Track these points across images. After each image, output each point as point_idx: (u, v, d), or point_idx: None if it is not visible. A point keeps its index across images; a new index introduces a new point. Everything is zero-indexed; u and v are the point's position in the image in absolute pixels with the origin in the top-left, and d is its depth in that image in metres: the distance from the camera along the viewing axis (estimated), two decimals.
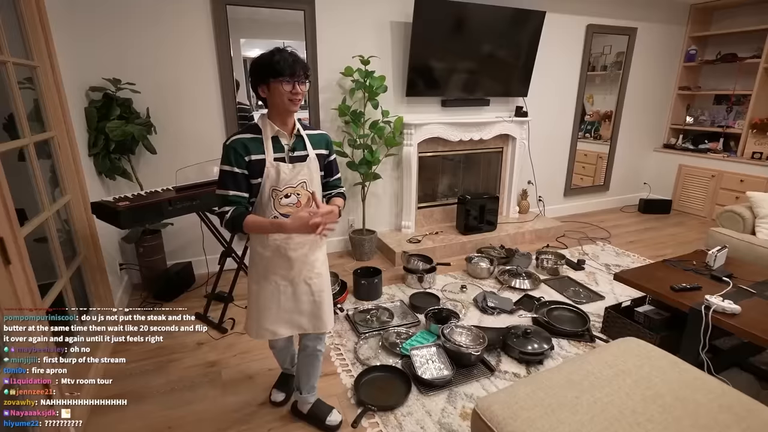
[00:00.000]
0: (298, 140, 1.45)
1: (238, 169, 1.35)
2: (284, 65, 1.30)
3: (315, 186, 1.47)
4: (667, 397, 1.28)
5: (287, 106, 1.36)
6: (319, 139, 1.51)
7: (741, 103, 4.45)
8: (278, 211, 1.42)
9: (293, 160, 1.42)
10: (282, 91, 1.32)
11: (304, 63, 1.36)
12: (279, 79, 1.30)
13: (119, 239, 2.81)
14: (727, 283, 2.11)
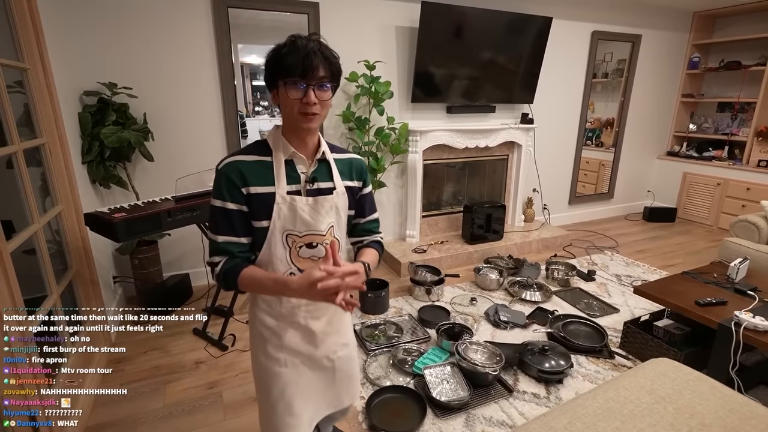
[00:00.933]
0: (322, 167, 1.04)
1: (232, 204, 0.97)
2: (293, 60, 0.90)
3: (342, 230, 1.10)
4: (714, 427, 1.18)
5: (298, 122, 0.95)
6: (347, 165, 1.09)
7: (745, 110, 4.43)
8: (297, 266, 1.02)
9: (313, 193, 1.01)
10: (290, 99, 0.93)
11: (326, 57, 0.93)
12: (286, 80, 0.92)
13: (113, 250, 2.68)
14: (752, 297, 2.03)
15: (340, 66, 0.98)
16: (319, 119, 0.97)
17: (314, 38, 0.94)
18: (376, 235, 1.20)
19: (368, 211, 1.17)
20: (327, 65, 0.93)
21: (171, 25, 2.57)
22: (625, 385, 1.35)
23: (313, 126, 0.97)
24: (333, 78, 0.96)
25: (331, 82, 0.95)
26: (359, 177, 1.13)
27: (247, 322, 2.53)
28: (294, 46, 0.91)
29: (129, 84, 2.46)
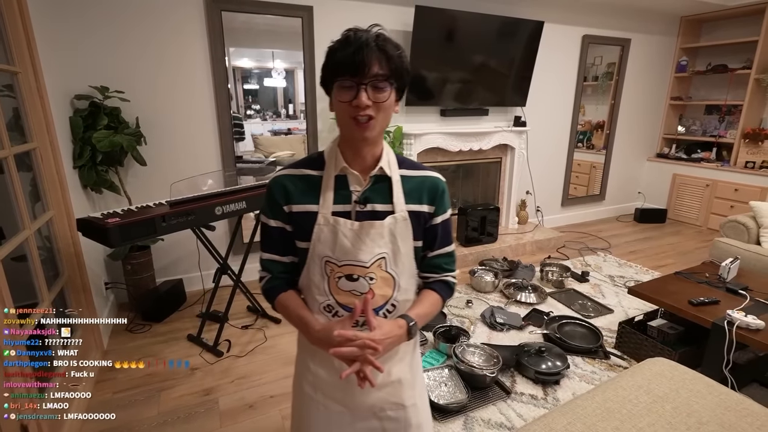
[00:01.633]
0: (380, 185, 0.88)
1: (273, 222, 0.90)
2: (343, 56, 0.77)
3: (402, 265, 0.88)
4: (711, 425, 1.19)
5: (351, 130, 0.81)
6: (418, 184, 0.90)
7: (732, 113, 4.51)
8: (335, 298, 0.88)
9: (363, 217, 0.86)
10: (340, 103, 0.80)
11: (384, 50, 0.78)
12: (336, 80, 0.80)
13: (105, 256, 2.64)
14: (743, 296, 2.06)
15: (402, 59, 0.81)
16: (376, 126, 0.81)
17: (372, 30, 0.80)
18: (445, 274, 0.96)
19: (439, 243, 0.94)
20: (385, 60, 0.78)
21: (164, 29, 2.55)
22: (623, 385, 1.36)
23: (369, 135, 0.81)
24: (393, 75, 0.79)
25: (390, 80, 0.79)
26: (431, 200, 0.91)
27: (244, 327, 2.52)
28: (346, 40, 0.78)
29: (121, 88, 2.43)
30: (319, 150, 0.93)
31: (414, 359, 1.02)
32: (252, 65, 3.66)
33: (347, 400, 0.96)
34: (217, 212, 2.07)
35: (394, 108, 0.84)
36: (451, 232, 0.98)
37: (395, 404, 0.97)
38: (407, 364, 0.99)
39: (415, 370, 1.02)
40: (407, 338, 0.87)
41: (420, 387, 1.04)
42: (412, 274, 0.93)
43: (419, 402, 1.01)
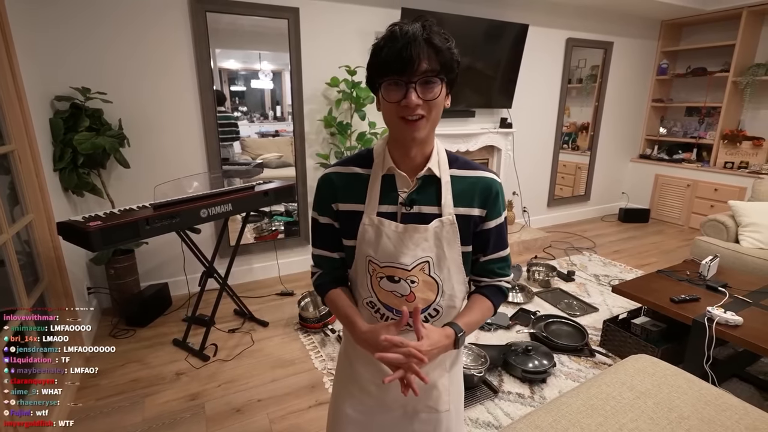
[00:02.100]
0: (429, 187, 0.85)
1: (322, 219, 0.90)
2: (389, 53, 0.73)
3: (447, 270, 0.86)
4: (692, 419, 1.22)
5: (400, 130, 0.78)
6: (470, 186, 0.85)
7: (711, 114, 4.63)
8: (377, 297, 0.88)
9: (409, 219, 0.84)
10: (387, 103, 0.77)
11: (433, 44, 0.73)
12: (382, 80, 0.76)
13: (87, 261, 2.58)
14: (723, 293, 2.11)
15: (452, 52, 0.76)
16: (426, 125, 0.78)
17: (419, 23, 0.74)
18: (498, 279, 0.92)
19: (492, 248, 0.89)
20: (434, 54, 0.73)
21: (148, 29, 2.52)
22: (607, 382, 1.38)
23: (420, 135, 0.78)
24: (444, 69, 0.75)
25: (440, 75, 0.75)
26: (483, 203, 0.85)
27: (231, 330, 2.49)
28: (392, 36, 0.73)
29: (103, 89, 2.39)
30: (366, 149, 0.92)
31: (455, 366, 1.01)
32: (239, 67, 3.63)
33: (382, 394, 0.96)
34: (202, 215, 2.04)
35: (445, 103, 0.80)
36: (505, 236, 0.92)
37: (429, 407, 0.97)
38: (446, 369, 0.97)
39: (453, 376, 1.00)
40: (454, 347, 0.84)
41: (456, 393, 1.02)
42: (459, 280, 0.89)
43: (453, 408, 1.00)
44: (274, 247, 3.21)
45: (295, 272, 3.32)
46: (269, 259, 3.21)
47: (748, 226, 2.89)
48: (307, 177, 3.21)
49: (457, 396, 1.02)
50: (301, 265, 3.36)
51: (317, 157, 3.09)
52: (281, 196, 2.46)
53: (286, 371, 2.13)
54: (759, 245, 2.82)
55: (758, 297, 2.08)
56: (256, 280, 3.20)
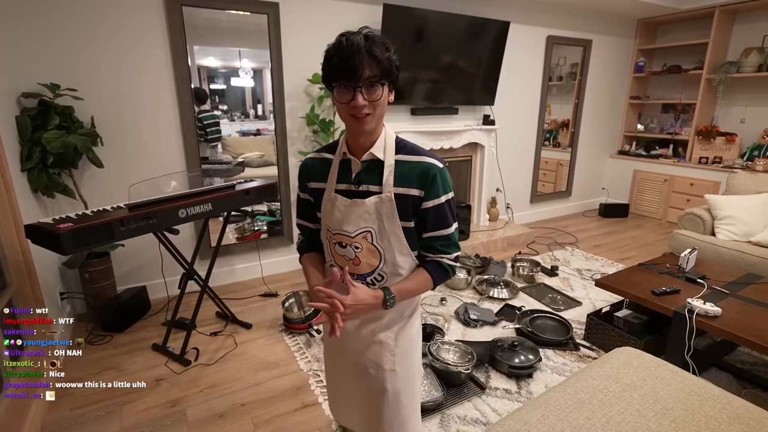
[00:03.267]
0: (373, 168, 0.98)
1: (302, 194, 1.11)
2: (338, 61, 0.86)
3: (388, 241, 1.00)
4: (677, 410, 1.23)
5: (350, 125, 0.94)
6: (410, 170, 0.97)
7: (686, 111, 4.75)
8: (335, 260, 1.07)
9: (358, 195, 0.99)
10: (338, 103, 0.91)
11: (374, 54, 0.86)
12: (334, 84, 0.90)
13: (60, 264, 2.48)
14: (701, 285, 2.16)
15: (391, 60, 0.90)
16: (372, 120, 0.92)
17: (362, 33, 0.87)
18: (441, 255, 1.02)
19: (431, 226, 1.00)
20: (375, 63, 0.86)
21: (121, 24, 2.43)
22: (593, 375, 1.39)
23: (367, 128, 0.93)
24: (384, 75, 0.89)
25: (381, 81, 0.89)
26: (421, 185, 0.97)
27: (213, 333, 2.42)
28: (339, 46, 0.87)
29: (74, 85, 2.29)
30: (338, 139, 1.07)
31: (404, 328, 1.12)
32: (218, 64, 3.54)
33: (338, 355, 1.19)
34: (180, 215, 1.98)
35: (388, 99, 0.94)
36: (447, 216, 1.01)
37: (375, 364, 1.10)
38: (393, 331, 1.10)
39: (402, 338, 1.11)
40: (383, 307, 0.98)
41: (405, 356, 1.12)
42: (401, 251, 1.02)
43: (400, 370, 1.11)
44: (257, 248, 3.14)
45: (279, 272, 3.26)
46: (252, 259, 3.14)
47: (724, 219, 2.97)
48: (290, 175, 3.15)
49: (406, 359, 1.13)
50: (285, 265, 3.30)
51: (299, 154, 3.04)
52: (263, 195, 2.41)
53: (270, 374, 2.09)
54: (734, 237, 2.90)
55: (735, 288, 2.13)
56: (238, 281, 3.13)
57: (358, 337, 1.11)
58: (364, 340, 1.10)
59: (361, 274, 1.04)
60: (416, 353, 1.17)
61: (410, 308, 1.14)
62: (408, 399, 1.15)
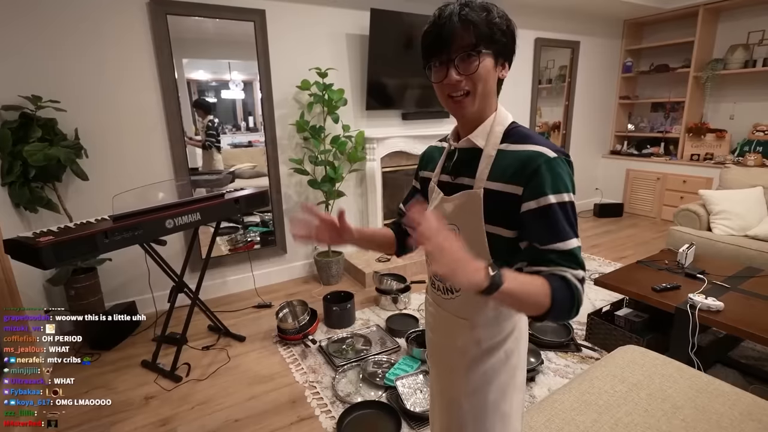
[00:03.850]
0: (473, 158, 0.83)
1: (414, 182, 1.05)
2: (429, 35, 0.78)
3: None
4: (686, 408, 1.18)
5: (450, 109, 0.82)
6: (513, 162, 0.77)
7: (676, 109, 4.77)
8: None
9: (454, 188, 0.85)
10: (435, 84, 0.81)
11: (468, 18, 0.74)
12: (428, 63, 0.80)
13: (44, 281, 2.40)
14: (702, 280, 2.13)
15: (493, 23, 0.76)
16: (473, 101, 0.78)
17: (458, 2, 0.77)
18: (563, 269, 0.72)
19: (541, 236, 0.74)
20: (470, 27, 0.74)
21: (106, 35, 2.39)
22: (598, 376, 1.34)
23: (467, 111, 0.80)
24: (483, 41, 0.74)
25: (477, 49, 0.74)
26: (520, 179, 0.75)
27: (205, 347, 2.35)
28: (432, 20, 0.78)
29: (56, 97, 2.24)
30: None
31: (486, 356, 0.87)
32: (208, 77, 3.52)
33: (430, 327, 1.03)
34: (168, 225, 1.92)
35: (497, 73, 0.80)
36: (560, 225, 0.73)
37: (447, 369, 0.96)
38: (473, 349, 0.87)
39: (481, 366, 0.88)
40: (481, 280, 0.62)
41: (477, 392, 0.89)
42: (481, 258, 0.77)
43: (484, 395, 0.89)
44: (249, 258, 3.08)
45: (272, 283, 3.20)
46: (244, 270, 3.08)
47: (719, 213, 2.96)
48: (281, 184, 3.11)
49: (479, 397, 0.89)
50: (278, 275, 3.24)
51: (290, 162, 3.00)
52: (253, 203, 2.36)
53: (265, 387, 2.01)
54: (730, 232, 2.88)
55: (736, 281, 2.10)
56: (231, 293, 3.06)
57: (445, 341, 0.93)
58: (448, 339, 0.91)
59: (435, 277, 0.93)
60: (500, 392, 0.89)
61: (499, 334, 0.87)
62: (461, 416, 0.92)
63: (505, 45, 0.79)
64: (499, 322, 0.86)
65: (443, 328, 0.93)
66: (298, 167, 2.97)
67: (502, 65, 0.81)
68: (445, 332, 0.93)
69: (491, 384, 0.88)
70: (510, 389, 0.90)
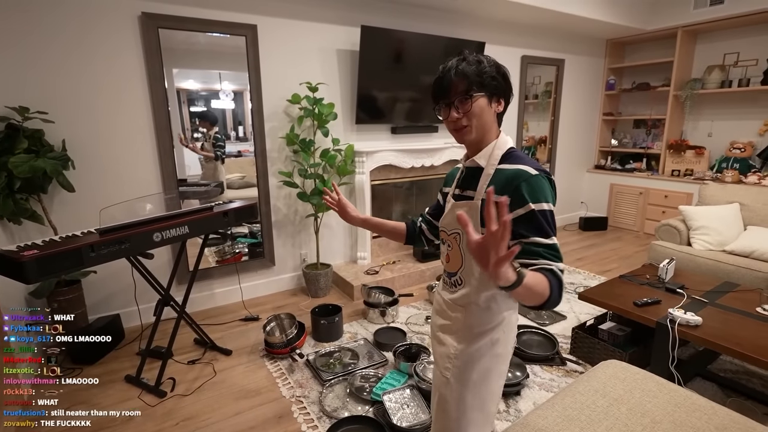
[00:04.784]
0: (476, 175, 1.02)
1: (439, 195, 1.23)
2: (435, 86, 1.01)
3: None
4: (665, 423, 1.22)
5: (456, 138, 1.04)
6: (504, 178, 0.96)
7: (657, 126, 4.93)
8: (441, 257, 1.17)
9: (460, 199, 1.06)
10: (444, 121, 1.03)
11: (461, 70, 0.96)
12: (436, 106, 1.03)
13: (26, 294, 2.36)
14: (681, 294, 2.19)
15: (483, 72, 0.96)
16: (471, 131, 0.99)
17: (455, 57, 0.99)
18: (547, 261, 0.88)
19: (530, 232, 0.90)
20: (463, 77, 0.96)
21: (95, 46, 2.39)
22: (581, 390, 1.37)
23: (466, 138, 1.02)
24: (474, 86, 0.96)
25: (469, 93, 0.96)
26: (508, 192, 0.91)
27: (191, 362, 2.32)
28: (438, 72, 1.01)
29: (45, 108, 2.23)
30: None
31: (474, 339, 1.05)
32: (198, 87, 3.53)
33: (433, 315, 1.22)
34: (155, 238, 1.91)
35: (491, 108, 1.00)
36: (543, 225, 0.90)
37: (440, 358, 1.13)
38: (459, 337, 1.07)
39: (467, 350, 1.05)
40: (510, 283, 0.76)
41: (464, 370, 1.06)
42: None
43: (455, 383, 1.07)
44: (237, 270, 3.06)
45: (260, 296, 3.18)
46: (232, 283, 3.06)
47: (698, 229, 3.05)
48: (270, 196, 3.11)
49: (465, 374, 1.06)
50: (266, 288, 3.22)
51: (280, 174, 3.01)
52: (242, 216, 2.36)
53: (251, 402, 2.00)
54: (709, 247, 2.97)
55: (713, 296, 2.16)
56: (218, 306, 3.03)
57: (437, 325, 1.15)
58: (438, 324, 1.15)
59: (450, 272, 1.10)
60: (482, 373, 1.06)
61: (489, 323, 1.04)
62: (458, 415, 1.08)
63: (496, 86, 0.99)
64: (490, 312, 1.03)
65: (445, 312, 1.12)
66: (288, 180, 2.98)
67: (498, 102, 1.01)
68: (445, 315, 1.12)
69: (476, 363, 1.06)
70: (493, 375, 1.08)
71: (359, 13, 3.18)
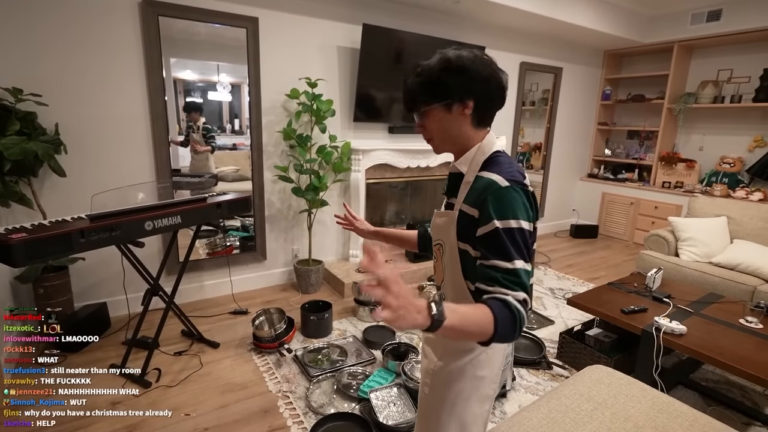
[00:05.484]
0: (456, 183, 0.97)
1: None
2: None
3: (449, 259, 0.94)
4: (647, 428, 1.24)
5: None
6: (478, 187, 0.88)
7: (650, 138, 4.99)
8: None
9: (447, 207, 1.01)
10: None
11: (411, 88, 0.93)
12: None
13: (11, 278, 2.32)
14: (667, 303, 2.22)
15: (423, 81, 0.91)
16: (435, 144, 0.97)
17: (417, 71, 0.94)
18: (501, 290, 0.78)
19: (490, 253, 0.81)
20: (410, 93, 0.94)
21: (92, 31, 2.36)
22: (566, 394, 1.39)
23: (436, 150, 0.98)
24: (421, 102, 0.93)
25: (417, 108, 0.94)
26: (475, 203, 0.86)
27: (177, 353, 2.30)
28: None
29: (39, 90, 2.20)
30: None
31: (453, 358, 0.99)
32: (195, 78, 3.50)
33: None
34: (147, 227, 1.90)
35: (453, 114, 0.91)
36: (505, 246, 0.79)
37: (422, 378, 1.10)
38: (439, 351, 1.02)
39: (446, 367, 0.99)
40: (428, 317, 0.67)
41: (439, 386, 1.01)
42: (455, 276, 0.94)
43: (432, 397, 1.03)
44: (228, 263, 3.04)
45: (250, 289, 3.16)
46: (222, 275, 3.04)
47: (686, 240, 3.10)
48: (265, 190, 3.10)
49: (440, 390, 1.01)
50: (256, 282, 3.21)
51: (275, 169, 3.00)
52: (235, 208, 2.35)
53: (236, 396, 1.99)
54: (696, 258, 3.02)
55: (699, 307, 2.20)
56: (207, 298, 3.01)
57: (426, 349, 1.11)
58: (427, 347, 1.10)
59: (437, 284, 1.08)
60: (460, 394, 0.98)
61: (468, 344, 0.97)
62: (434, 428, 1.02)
63: (449, 90, 0.89)
64: None
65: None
66: (283, 174, 2.97)
67: (462, 103, 0.90)
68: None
69: (454, 383, 0.98)
70: (474, 397, 0.99)
71: (362, 11, 3.18)
